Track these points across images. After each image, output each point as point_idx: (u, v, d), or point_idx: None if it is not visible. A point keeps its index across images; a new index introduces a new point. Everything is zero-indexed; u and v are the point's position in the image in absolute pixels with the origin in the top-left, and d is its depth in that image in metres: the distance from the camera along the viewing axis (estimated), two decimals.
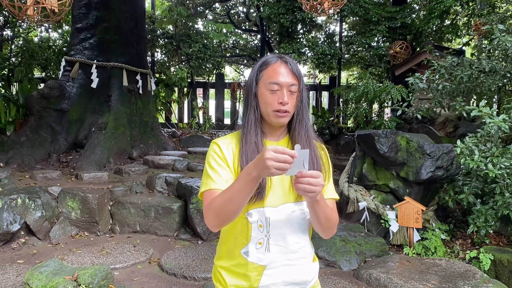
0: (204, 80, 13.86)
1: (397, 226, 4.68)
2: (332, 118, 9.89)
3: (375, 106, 10.38)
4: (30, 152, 6.57)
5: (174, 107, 12.84)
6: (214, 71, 12.90)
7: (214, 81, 13.43)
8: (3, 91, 7.78)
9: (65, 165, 6.61)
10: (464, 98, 5.65)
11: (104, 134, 6.95)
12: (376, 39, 9.97)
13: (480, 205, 4.52)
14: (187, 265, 3.97)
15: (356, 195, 5.02)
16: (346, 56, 12.07)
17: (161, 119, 11.55)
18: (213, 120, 12.26)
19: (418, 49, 10.15)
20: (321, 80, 14.73)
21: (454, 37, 10.13)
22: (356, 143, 5.36)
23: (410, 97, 6.23)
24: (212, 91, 13.47)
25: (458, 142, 4.46)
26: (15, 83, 9.52)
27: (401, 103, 6.37)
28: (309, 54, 10.77)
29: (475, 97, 6.75)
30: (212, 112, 13.13)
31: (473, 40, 9.38)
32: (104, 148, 6.78)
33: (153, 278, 3.80)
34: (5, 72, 9.25)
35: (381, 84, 8.51)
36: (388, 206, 4.83)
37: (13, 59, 10.07)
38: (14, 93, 8.03)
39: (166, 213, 4.98)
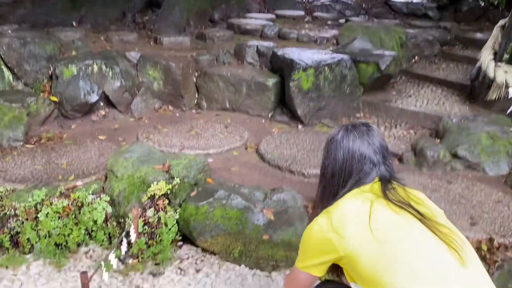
0: None
1: None
2: None
3: None
4: (104, 11, 5.90)
5: None
6: None
7: None
8: None
9: (141, 26, 5.84)
10: None
11: None
12: None
13: None
14: (292, 156, 3.26)
15: (506, 78, 3.82)
16: None
17: None
18: None
19: None
20: None
21: None
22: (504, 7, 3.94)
23: None
24: None
25: None
26: None
27: None
28: None
29: None
30: None
31: None
32: (183, 8, 5.83)
33: (253, 169, 3.17)
34: None
35: None
36: None
37: None
38: None
39: (260, 90, 4.17)
